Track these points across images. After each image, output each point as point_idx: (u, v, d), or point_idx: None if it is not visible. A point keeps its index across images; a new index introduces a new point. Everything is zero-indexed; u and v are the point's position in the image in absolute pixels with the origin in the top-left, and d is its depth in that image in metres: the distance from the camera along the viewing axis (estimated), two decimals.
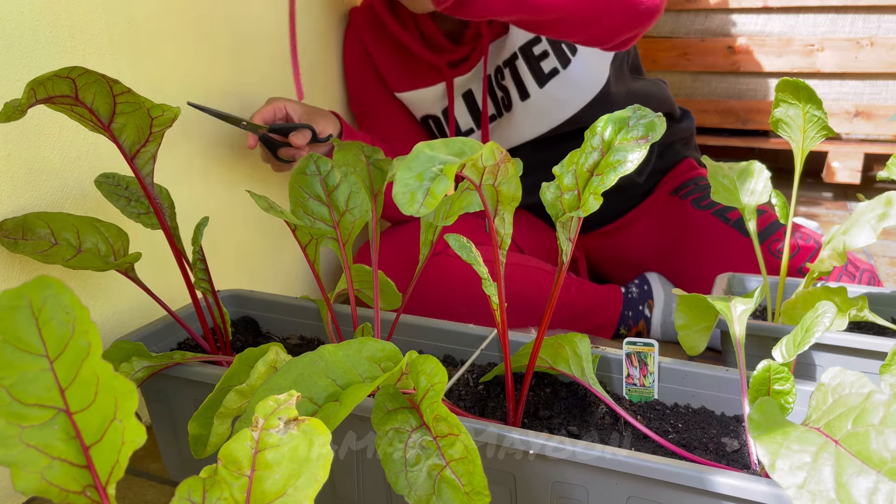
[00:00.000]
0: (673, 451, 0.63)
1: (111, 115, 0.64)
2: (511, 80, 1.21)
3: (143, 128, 0.66)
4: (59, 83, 0.58)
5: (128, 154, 0.68)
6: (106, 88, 0.61)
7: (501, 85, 1.23)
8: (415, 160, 0.43)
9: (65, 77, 0.58)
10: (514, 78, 1.20)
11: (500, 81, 1.23)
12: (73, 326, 0.39)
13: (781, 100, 0.84)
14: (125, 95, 0.62)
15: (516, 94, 1.22)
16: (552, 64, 1.18)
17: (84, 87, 0.60)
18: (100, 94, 0.61)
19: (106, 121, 0.64)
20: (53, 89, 0.58)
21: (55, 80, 0.57)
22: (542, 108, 1.22)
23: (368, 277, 0.88)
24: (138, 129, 0.66)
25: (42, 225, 0.73)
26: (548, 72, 1.19)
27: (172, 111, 0.65)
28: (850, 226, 0.81)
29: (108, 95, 0.62)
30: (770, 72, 2.20)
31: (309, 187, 0.76)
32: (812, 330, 0.58)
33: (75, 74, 0.58)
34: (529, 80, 1.19)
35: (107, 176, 0.77)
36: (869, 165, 2.27)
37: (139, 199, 0.77)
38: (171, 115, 0.66)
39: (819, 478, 0.42)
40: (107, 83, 0.60)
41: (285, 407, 0.39)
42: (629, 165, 0.56)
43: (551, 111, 1.22)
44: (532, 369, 0.66)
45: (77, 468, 0.39)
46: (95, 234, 0.75)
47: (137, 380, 0.69)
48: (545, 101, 1.21)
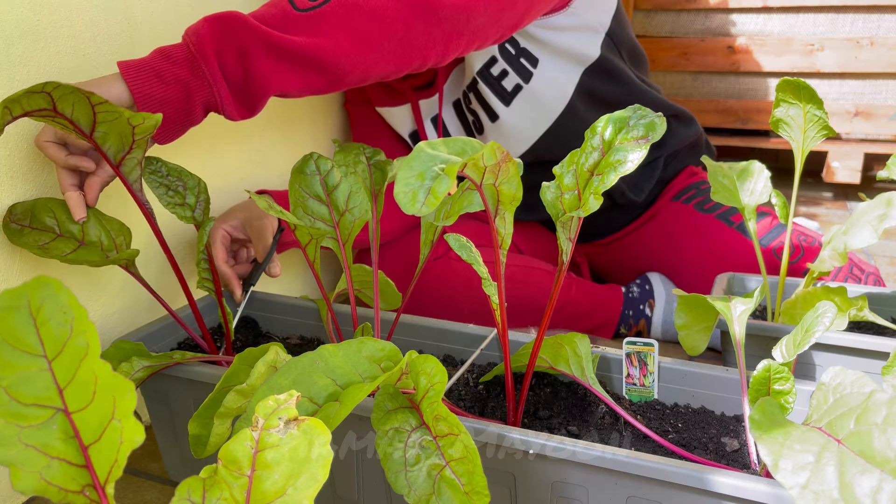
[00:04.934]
0: (673, 451, 0.63)
1: (92, 124, 0.64)
2: (478, 104, 1.18)
3: (126, 136, 0.66)
4: (35, 98, 0.58)
5: (113, 162, 0.68)
6: (84, 100, 0.61)
7: (471, 109, 1.21)
8: (416, 159, 0.43)
9: (39, 92, 0.58)
10: (480, 101, 1.17)
11: (469, 106, 1.20)
12: (72, 326, 0.39)
13: (782, 100, 0.84)
14: (103, 105, 0.62)
15: (485, 116, 1.18)
16: (514, 81, 1.14)
17: (61, 100, 0.60)
18: (78, 104, 0.61)
19: (88, 130, 0.64)
20: (30, 104, 0.59)
21: (30, 97, 0.57)
22: (513, 128, 1.18)
23: (368, 277, 0.88)
24: (121, 137, 0.66)
25: (49, 214, 0.73)
26: (510, 90, 1.14)
27: (153, 118, 0.65)
28: (850, 226, 0.81)
29: (86, 106, 0.61)
30: (770, 72, 2.20)
31: (309, 187, 0.76)
32: (812, 330, 0.58)
33: (50, 88, 0.58)
34: (495, 101, 1.16)
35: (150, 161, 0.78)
36: (869, 165, 2.27)
37: (177, 189, 0.78)
38: (152, 122, 0.65)
39: (822, 477, 0.42)
40: (83, 94, 0.60)
41: (285, 407, 0.39)
42: (629, 165, 0.56)
43: (524, 129, 1.18)
44: (532, 369, 0.66)
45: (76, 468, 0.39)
46: (99, 226, 0.75)
47: (137, 380, 0.69)
48: (514, 119, 1.17)
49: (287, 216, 0.67)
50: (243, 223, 0.95)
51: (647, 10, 2.31)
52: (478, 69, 1.14)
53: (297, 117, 1.22)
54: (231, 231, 0.94)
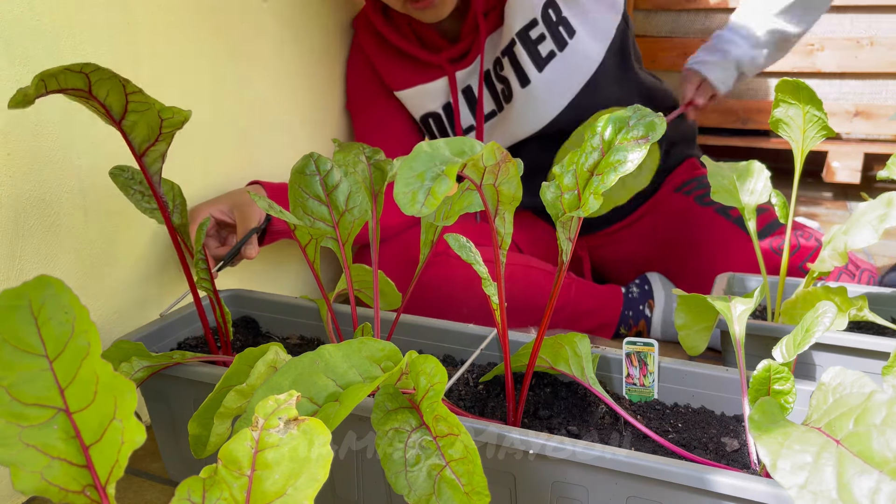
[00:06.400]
0: (673, 451, 0.63)
1: (123, 112, 0.65)
2: (511, 68, 1.21)
3: (154, 127, 0.67)
4: (72, 77, 0.59)
5: (137, 151, 0.68)
6: (119, 86, 0.62)
7: (501, 76, 1.23)
8: (416, 159, 0.43)
9: (77, 72, 0.58)
10: (514, 65, 1.20)
11: (500, 73, 1.23)
12: (73, 326, 0.39)
13: (781, 100, 0.84)
14: (137, 95, 0.63)
15: (516, 81, 1.21)
16: (549, 47, 1.19)
17: (97, 83, 0.61)
18: (113, 91, 0.62)
19: (118, 117, 0.65)
20: (66, 82, 0.59)
21: (67, 74, 0.58)
22: (542, 95, 1.21)
23: (368, 277, 0.88)
24: (149, 127, 0.67)
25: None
26: (545, 55, 1.19)
27: (182, 114, 0.66)
28: (850, 226, 0.81)
29: (120, 93, 0.62)
30: (770, 72, 2.20)
31: (308, 187, 0.76)
32: (812, 330, 0.58)
33: (88, 70, 0.59)
34: (528, 64, 1.19)
35: (122, 169, 0.78)
36: (869, 165, 2.27)
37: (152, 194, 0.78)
38: (182, 117, 0.66)
39: (821, 478, 0.42)
40: (119, 81, 0.61)
41: (285, 407, 0.39)
42: (629, 165, 0.56)
43: (551, 98, 1.22)
44: (532, 369, 0.66)
45: (77, 468, 0.39)
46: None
47: (137, 380, 0.69)
48: (545, 86, 1.20)
49: (287, 216, 0.67)
50: (232, 207, 0.96)
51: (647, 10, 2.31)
52: (518, 30, 1.18)
53: (297, 117, 1.22)
54: (217, 214, 0.95)
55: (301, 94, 1.22)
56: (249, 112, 1.09)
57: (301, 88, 1.22)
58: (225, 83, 1.04)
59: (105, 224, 0.87)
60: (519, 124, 1.25)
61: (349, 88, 1.34)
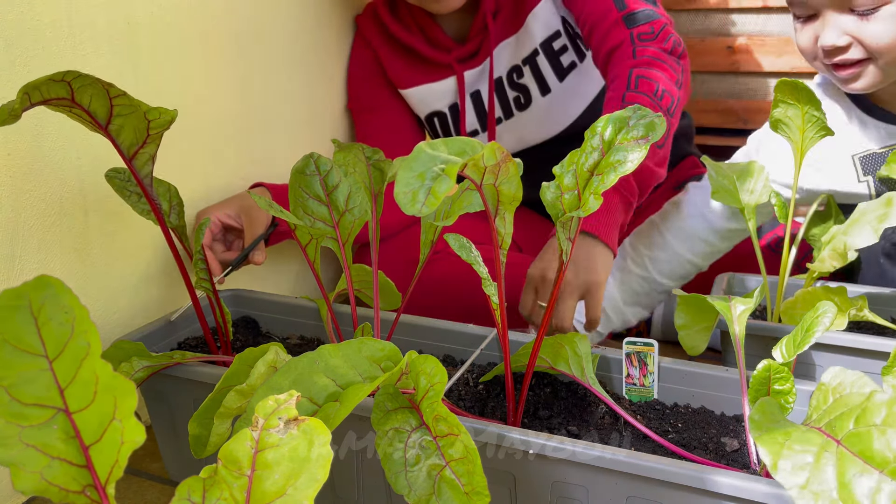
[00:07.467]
0: (673, 451, 0.63)
1: (108, 116, 0.64)
2: (531, 77, 1.23)
3: (141, 129, 0.66)
4: (55, 87, 0.58)
5: (126, 155, 0.68)
6: (102, 91, 0.61)
7: (518, 84, 1.24)
8: (416, 159, 0.43)
9: (60, 81, 0.58)
10: (535, 74, 1.22)
11: (517, 80, 1.24)
12: (73, 326, 0.39)
13: (780, 100, 0.84)
14: (121, 98, 0.62)
15: (537, 90, 1.23)
16: (570, 58, 1.21)
17: (80, 90, 0.60)
18: (96, 96, 0.61)
19: (103, 122, 0.64)
20: (49, 92, 0.59)
21: (50, 84, 0.58)
22: (560, 103, 1.24)
23: (368, 277, 0.88)
24: (136, 130, 0.66)
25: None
26: (566, 65, 1.22)
27: (169, 114, 0.65)
28: (850, 226, 0.81)
29: (104, 98, 0.62)
30: (770, 72, 2.20)
31: (309, 187, 0.76)
32: (812, 330, 0.58)
33: (70, 78, 0.58)
34: (550, 74, 1.22)
35: (118, 171, 0.77)
36: None
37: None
38: (168, 117, 0.66)
39: (821, 478, 0.42)
40: (102, 86, 0.60)
41: (285, 407, 0.39)
42: (629, 165, 0.56)
43: (568, 105, 1.24)
44: (532, 369, 0.66)
45: (76, 468, 0.39)
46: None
47: (137, 380, 0.69)
48: (564, 94, 1.23)
49: (287, 216, 0.67)
50: (239, 211, 0.96)
51: None
52: (541, 41, 1.20)
53: (297, 117, 1.22)
54: (224, 219, 0.95)
55: (301, 94, 1.22)
56: (249, 112, 1.09)
57: (301, 88, 1.22)
58: (225, 83, 1.04)
59: (105, 224, 0.87)
60: (532, 130, 1.27)
61: (351, 85, 1.33)
